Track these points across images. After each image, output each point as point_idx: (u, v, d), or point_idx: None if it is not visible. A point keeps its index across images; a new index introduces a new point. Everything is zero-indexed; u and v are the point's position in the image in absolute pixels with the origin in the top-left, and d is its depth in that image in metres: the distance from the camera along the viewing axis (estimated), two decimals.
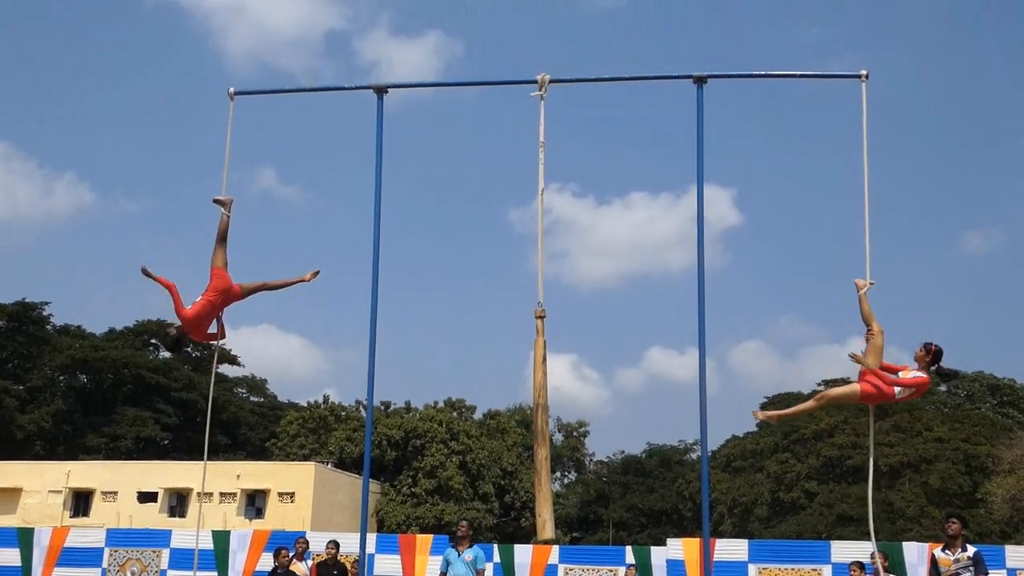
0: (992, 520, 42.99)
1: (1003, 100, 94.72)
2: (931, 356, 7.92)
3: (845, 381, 8.22)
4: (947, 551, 9.67)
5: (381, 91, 9.65)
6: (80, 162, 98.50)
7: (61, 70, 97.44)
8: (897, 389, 7.78)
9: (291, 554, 13.03)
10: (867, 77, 8.77)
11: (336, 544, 13.87)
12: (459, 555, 11.22)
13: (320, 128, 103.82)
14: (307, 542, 13.63)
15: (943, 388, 61.73)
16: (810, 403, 8.17)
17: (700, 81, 9.02)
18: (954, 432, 49.72)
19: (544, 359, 8.48)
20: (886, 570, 11.34)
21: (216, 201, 9.18)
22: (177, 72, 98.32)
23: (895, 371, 7.93)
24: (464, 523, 11.66)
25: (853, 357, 7.81)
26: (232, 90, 9.75)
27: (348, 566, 14.66)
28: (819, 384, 61.51)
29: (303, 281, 9.30)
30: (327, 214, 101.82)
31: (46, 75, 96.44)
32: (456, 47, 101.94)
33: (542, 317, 8.53)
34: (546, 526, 8.08)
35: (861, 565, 12.47)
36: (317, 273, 9.30)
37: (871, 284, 8.12)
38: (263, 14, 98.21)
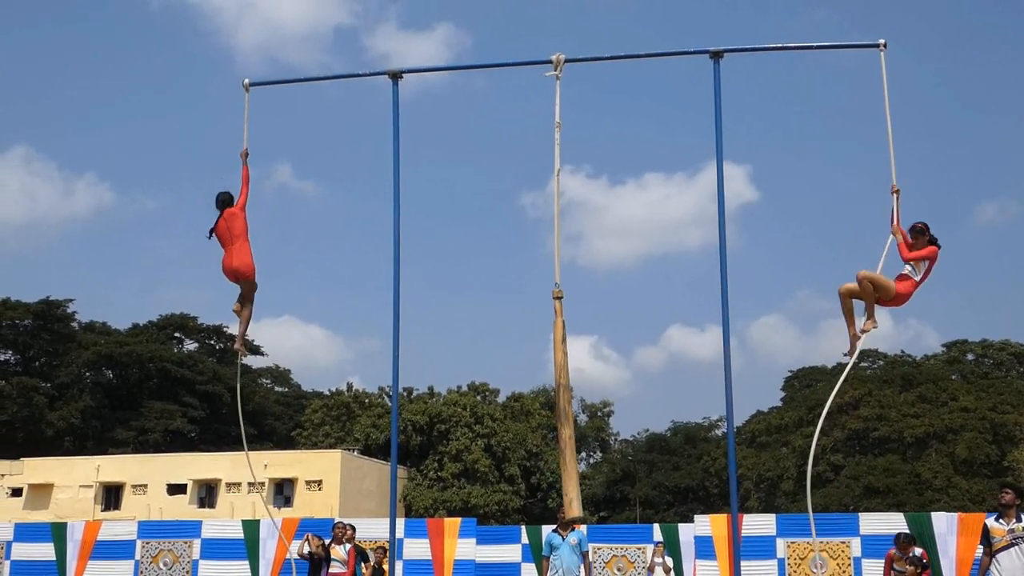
0: None
1: (1015, 71, 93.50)
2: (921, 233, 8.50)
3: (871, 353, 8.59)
4: (1001, 520, 9.26)
5: (396, 76, 9.66)
6: (99, 163, 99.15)
7: (76, 73, 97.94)
8: (908, 268, 8.47)
9: (327, 540, 13.34)
10: (885, 46, 8.70)
11: (353, 527, 14.19)
12: (563, 539, 11.25)
13: (334, 122, 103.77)
14: (345, 526, 13.86)
15: (969, 357, 61.27)
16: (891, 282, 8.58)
17: (717, 56, 8.97)
18: (980, 401, 49.36)
19: (564, 339, 8.45)
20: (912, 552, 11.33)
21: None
22: (189, 69, 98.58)
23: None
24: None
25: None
26: (247, 81, 9.77)
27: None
28: (844, 353, 61.19)
29: (236, 346, 9.86)
30: (343, 207, 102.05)
31: (61, 79, 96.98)
32: (465, 39, 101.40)
33: (560, 298, 8.50)
34: (573, 504, 8.06)
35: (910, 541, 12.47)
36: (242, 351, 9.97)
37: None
38: (272, 10, 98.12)
